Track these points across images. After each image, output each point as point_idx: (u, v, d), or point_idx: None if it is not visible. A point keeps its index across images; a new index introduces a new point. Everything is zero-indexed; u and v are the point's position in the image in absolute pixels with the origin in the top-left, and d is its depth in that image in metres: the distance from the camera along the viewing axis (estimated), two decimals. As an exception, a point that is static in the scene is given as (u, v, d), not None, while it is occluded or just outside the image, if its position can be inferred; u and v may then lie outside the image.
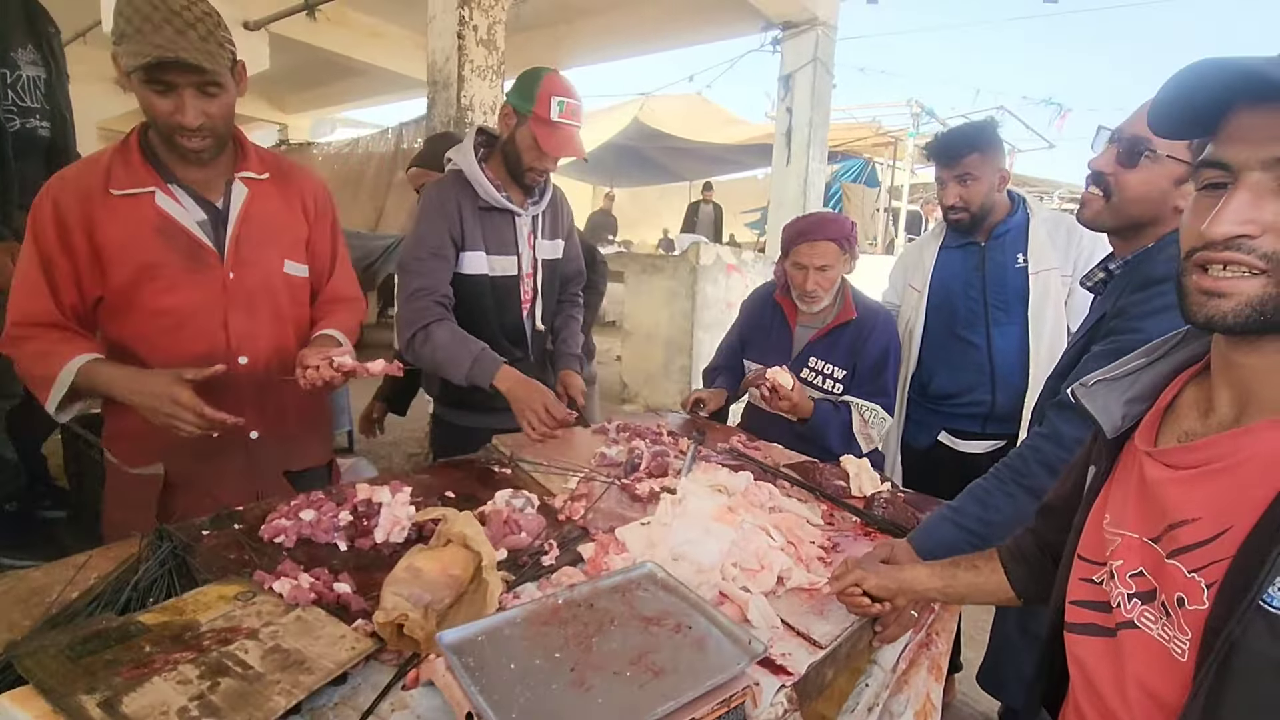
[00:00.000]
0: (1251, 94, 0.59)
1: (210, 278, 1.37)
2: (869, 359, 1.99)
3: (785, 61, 5.37)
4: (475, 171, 1.80)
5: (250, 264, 1.41)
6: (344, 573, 1.06)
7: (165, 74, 1.22)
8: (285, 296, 1.49)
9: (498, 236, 1.86)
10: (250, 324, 1.43)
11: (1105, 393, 0.78)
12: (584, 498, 1.41)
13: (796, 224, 2.02)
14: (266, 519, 1.21)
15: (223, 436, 1.35)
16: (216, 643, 0.83)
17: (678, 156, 11.18)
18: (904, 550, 1.20)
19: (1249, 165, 0.59)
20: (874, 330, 2.00)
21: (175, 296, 1.35)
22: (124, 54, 1.21)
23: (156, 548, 1.09)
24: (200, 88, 1.26)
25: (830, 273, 1.96)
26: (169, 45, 1.19)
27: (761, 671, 0.93)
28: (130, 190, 1.31)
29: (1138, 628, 0.67)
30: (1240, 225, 0.59)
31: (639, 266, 5.81)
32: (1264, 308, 0.59)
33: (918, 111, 8.96)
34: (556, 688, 0.76)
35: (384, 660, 0.90)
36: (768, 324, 2.18)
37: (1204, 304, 0.62)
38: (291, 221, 1.51)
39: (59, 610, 0.94)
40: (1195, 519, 0.64)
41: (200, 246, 1.36)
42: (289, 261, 1.49)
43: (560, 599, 0.93)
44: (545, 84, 1.72)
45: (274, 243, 1.46)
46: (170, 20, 1.20)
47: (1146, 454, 0.72)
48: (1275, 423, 0.62)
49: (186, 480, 1.42)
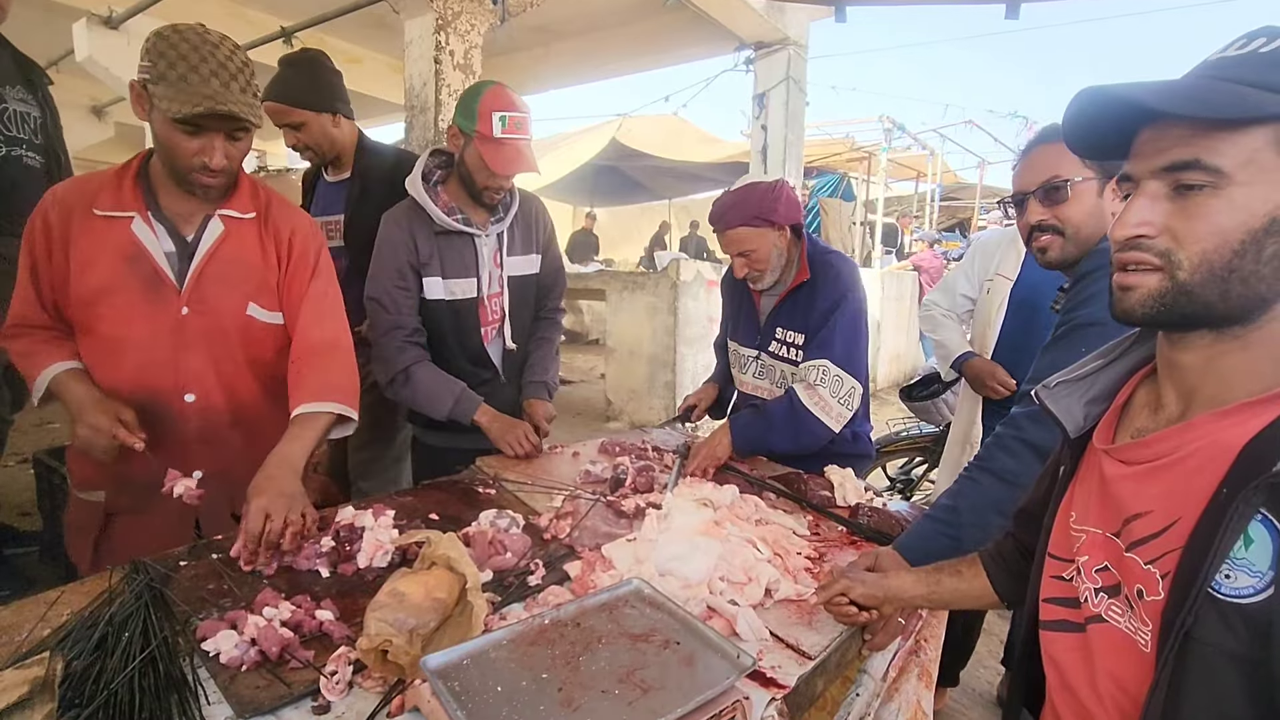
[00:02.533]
0: (1142, 117, 0.65)
1: (165, 311, 1.36)
2: (817, 316, 1.82)
3: (759, 80, 5.47)
4: (425, 199, 1.80)
5: (208, 303, 1.39)
6: (326, 599, 1.04)
7: (202, 119, 1.24)
8: (243, 339, 1.45)
9: (456, 259, 1.86)
10: (201, 362, 1.40)
11: (1066, 394, 0.81)
12: (569, 516, 1.40)
13: (711, 211, 1.90)
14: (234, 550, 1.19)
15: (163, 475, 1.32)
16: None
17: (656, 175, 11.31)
18: (889, 557, 1.20)
19: (1144, 175, 0.66)
20: (824, 284, 1.83)
21: (127, 325, 1.34)
22: (164, 96, 1.22)
23: (132, 581, 1.07)
24: (230, 134, 1.30)
25: (755, 254, 1.82)
26: (218, 97, 1.23)
27: (751, 685, 0.93)
28: (111, 212, 1.32)
29: (1106, 621, 0.69)
30: (1136, 227, 0.65)
31: (620, 284, 5.83)
32: (1163, 299, 0.65)
33: (889, 127, 9.16)
34: (544, 709, 0.75)
35: (368, 687, 0.88)
36: (739, 302, 2.10)
37: (1119, 299, 0.69)
38: (263, 266, 1.46)
39: (30, 649, 0.92)
40: (1148, 512, 0.67)
41: (161, 279, 1.35)
42: (254, 305, 1.45)
43: (546, 619, 0.92)
44: (485, 100, 1.70)
45: (240, 284, 1.43)
46: (217, 73, 1.23)
47: (1104, 451, 0.75)
48: (1215, 416, 0.65)
49: (125, 510, 1.41)
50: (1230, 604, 0.58)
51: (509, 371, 2.01)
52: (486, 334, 1.94)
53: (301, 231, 1.52)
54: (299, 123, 2.05)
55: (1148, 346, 0.78)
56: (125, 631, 0.95)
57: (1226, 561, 0.59)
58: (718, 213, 1.85)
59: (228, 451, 1.44)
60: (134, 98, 1.29)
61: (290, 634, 0.94)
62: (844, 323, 1.78)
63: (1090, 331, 1.24)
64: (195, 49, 1.23)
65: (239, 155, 1.35)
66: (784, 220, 1.80)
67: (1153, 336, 0.76)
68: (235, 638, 0.92)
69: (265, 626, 0.94)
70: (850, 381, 1.77)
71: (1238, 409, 0.63)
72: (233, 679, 0.87)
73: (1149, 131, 0.66)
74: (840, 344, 1.78)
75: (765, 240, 1.81)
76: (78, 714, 0.79)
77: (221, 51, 1.26)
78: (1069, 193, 1.33)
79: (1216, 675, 0.58)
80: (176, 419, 1.39)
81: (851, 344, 1.80)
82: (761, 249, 1.81)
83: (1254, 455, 0.60)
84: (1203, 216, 0.62)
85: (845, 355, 1.78)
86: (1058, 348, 1.30)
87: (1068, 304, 1.35)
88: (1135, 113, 0.64)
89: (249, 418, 1.47)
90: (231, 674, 0.88)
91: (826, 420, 1.75)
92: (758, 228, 1.79)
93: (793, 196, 1.84)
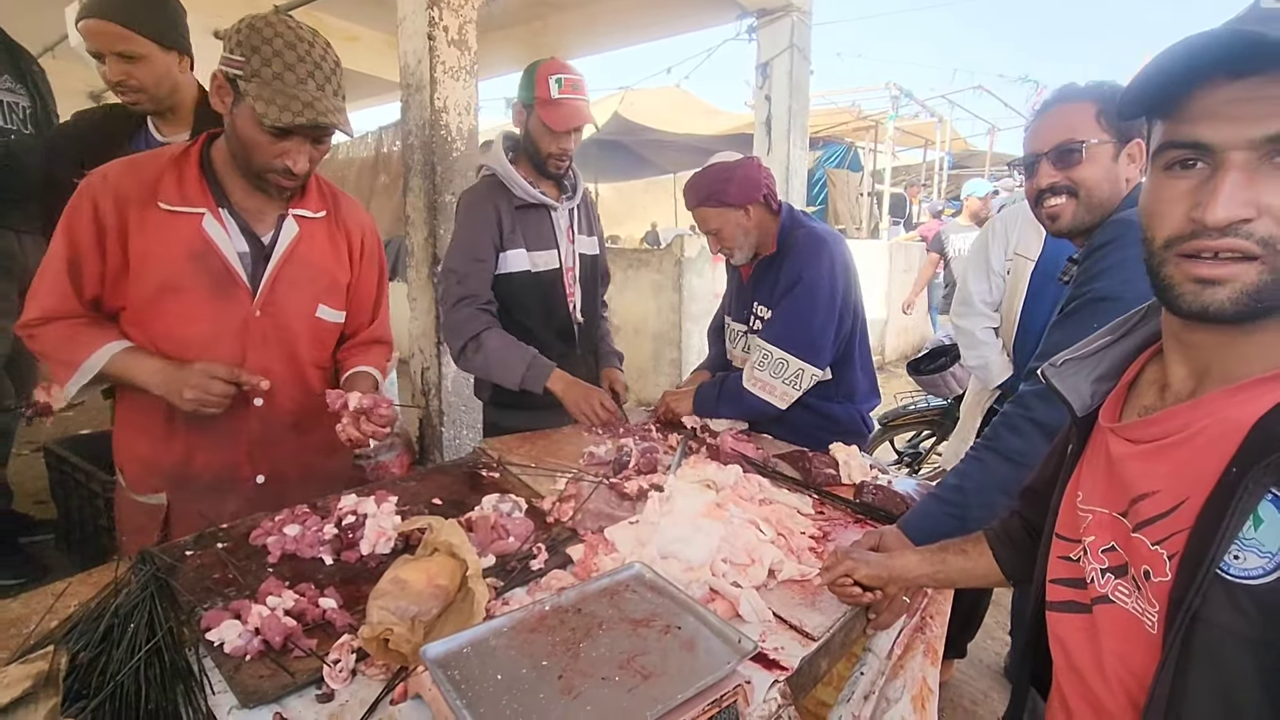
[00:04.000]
0: (1229, 67, 0.55)
1: (234, 313, 1.33)
2: (778, 294, 1.82)
3: (762, 50, 5.34)
4: (509, 170, 1.86)
5: (281, 305, 1.37)
6: (330, 587, 1.05)
7: (297, 129, 1.22)
8: (311, 339, 1.44)
9: (537, 232, 1.92)
10: (269, 363, 1.37)
11: (1074, 372, 0.79)
12: (572, 499, 1.40)
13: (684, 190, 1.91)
14: (251, 535, 1.20)
15: (227, 475, 1.36)
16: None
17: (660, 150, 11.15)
18: (893, 536, 1.19)
19: (1233, 145, 0.56)
20: (786, 261, 1.82)
21: (193, 325, 1.30)
22: (256, 96, 1.17)
23: (139, 571, 1.07)
24: (316, 139, 1.27)
25: (722, 234, 1.83)
26: (317, 106, 1.19)
27: (754, 667, 0.93)
28: (179, 208, 1.27)
29: (1113, 602, 0.68)
30: (1242, 208, 0.56)
31: (625, 262, 5.79)
32: (1260, 294, 0.57)
33: (896, 94, 8.99)
34: (544, 696, 0.75)
35: (372, 675, 0.89)
36: (733, 277, 2.10)
37: (1199, 293, 0.59)
38: (335, 265, 1.45)
39: (38, 641, 0.93)
40: (1155, 492, 0.65)
41: (234, 279, 1.31)
42: (323, 306, 1.44)
43: (547, 605, 0.92)
44: (541, 70, 1.81)
45: (311, 285, 1.41)
46: (313, 74, 1.20)
47: (1110, 430, 0.73)
48: (1225, 393, 0.63)
49: (186, 514, 1.37)
50: (1239, 585, 0.57)
51: (582, 345, 2.08)
52: (569, 306, 2.00)
53: (370, 232, 1.54)
54: (137, 54, 1.70)
55: (1158, 322, 0.76)
56: (131, 622, 0.95)
57: (1235, 542, 0.57)
58: (685, 192, 1.88)
59: (284, 454, 1.44)
60: (215, 88, 1.24)
61: (294, 623, 0.95)
62: (792, 305, 1.77)
63: (1103, 307, 1.19)
64: (291, 47, 1.18)
65: (319, 157, 1.32)
66: (737, 200, 1.79)
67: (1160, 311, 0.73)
68: (239, 627, 0.92)
69: (269, 616, 0.94)
70: (796, 364, 1.76)
71: (1250, 385, 0.61)
72: (237, 669, 0.88)
73: (1230, 90, 0.56)
74: (783, 326, 1.79)
75: (727, 220, 1.81)
76: (84, 705, 0.79)
77: (316, 51, 1.21)
78: (1084, 155, 1.28)
79: (1225, 657, 0.57)
80: (241, 422, 1.36)
81: (799, 326, 1.77)
82: (725, 228, 1.82)
83: (1265, 433, 0.58)
84: None
85: (788, 338, 1.77)
86: (1068, 323, 1.25)
87: (1080, 277, 1.30)
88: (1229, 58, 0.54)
89: (306, 419, 1.46)
90: (236, 664, 0.89)
91: (769, 399, 1.79)
92: (715, 208, 1.81)
93: (750, 175, 1.80)
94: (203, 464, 1.35)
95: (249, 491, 1.41)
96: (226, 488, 1.38)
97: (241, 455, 1.39)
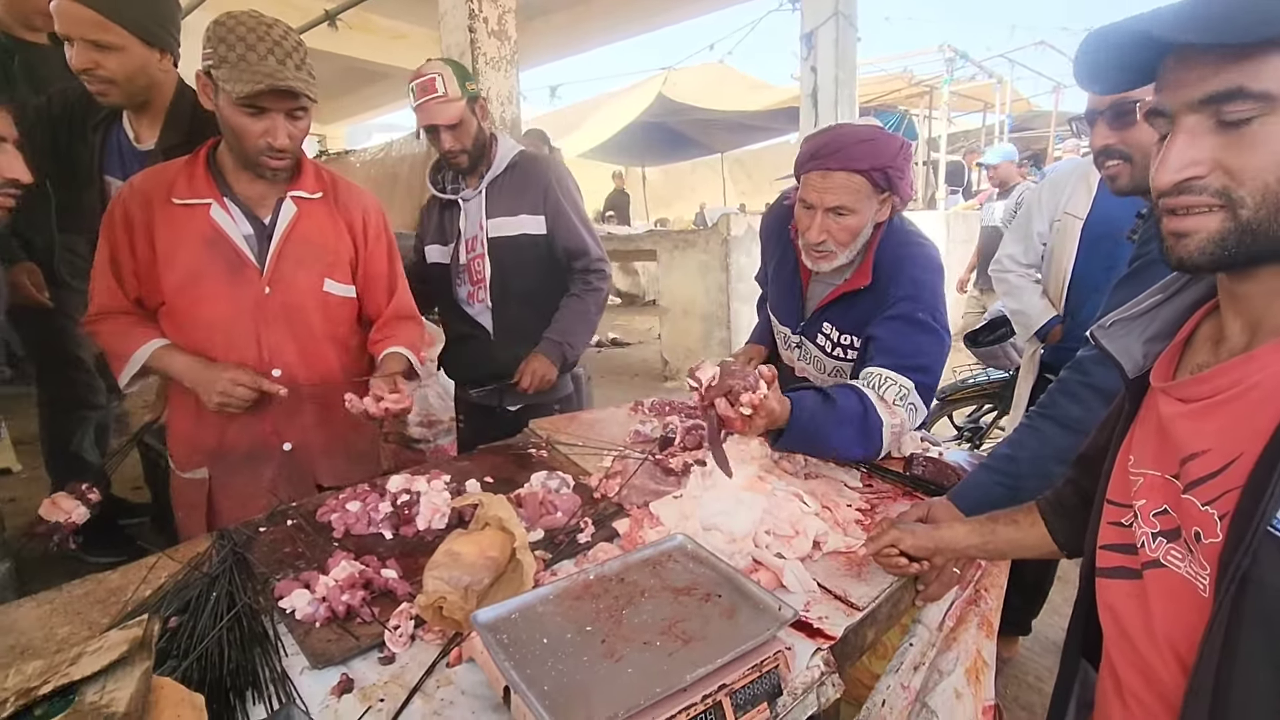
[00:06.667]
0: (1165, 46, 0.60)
1: (247, 291, 1.44)
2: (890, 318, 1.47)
3: (806, 19, 5.20)
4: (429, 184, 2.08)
5: (288, 280, 1.47)
6: (390, 559, 1.11)
7: (263, 99, 1.31)
8: (322, 314, 1.54)
9: (439, 227, 2.08)
10: (284, 338, 1.49)
11: (1124, 333, 0.77)
12: (618, 475, 1.43)
13: (812, 141, 1.47)
14: (317, 512, 1.28)
15: (258, 446, 1.48)
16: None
17: (706, 129, 11.02)
18: (943, 507, 1.17)
19: (1179, 109, 0.60)
20: (890, 285, 1.49)
21: (214, 306, 1.43)
22: (226, 79, 1.29)
23: (219, 547, 1.16)
24: (290, 113, 1.36)
25: (850, 220, 1.43)
26: (276, 74, 1.29)
27: (798, 635, 0.94)
28: (189, 200, 1.41)
29: (1164, 566, 0.66)
30: (1182, 170, 0.60)
31: (671, 243, 5.78)
32: (1225, 241, 0.59)
33: (951, 56, 8.59)
34: (587, 659, 0.78)
35: (429, 640, 0.94)
36: (781, 265, 1.75)
37: (1174, 246, 0.63)
38: (337, 242, 1.54)
39: (134, 609, 1.02)
40: (1205, 451, 0.63)
41: (242, 260, 1.43)
42: (329, 280, 1.53)
43: (591, 574, 0.95)
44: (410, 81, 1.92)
45: (315, 261, 1.50)
46: (273, 50, 1.30)
47: (1161, 390, 0.71)
48: (1278, 346, 0.60)
49: (226, 485, 1.52)
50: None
51: (500, 330, 2.06)
52: (473, 294, 2.05)
53: (372, 211, 1.62)
54: (113, 45, 1.55)
55: (1213, 277, 0.72)
56: (214, 592, 1.04)
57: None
58: (833, 145, 1.42)
59: (308, 424, 1.55)
60: (200, 87, 1.36)
61: (360, 592, 1.01)
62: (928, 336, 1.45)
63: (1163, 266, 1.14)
64: (251, 30, 1.29)
65: (300, 134, 1.41)
66: (903, 194, 1.47)
67: None
68: (309, 596, 0.99)
69: (334, 586, 1.00)
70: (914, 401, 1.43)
71: None
72: (307, 633, 0.95)
73: (1173, 59, 0.61)
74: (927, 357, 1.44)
75: (869, 207, 1.45)
76: (175, 666, 0.87)
77: (276, 31, 1.31)
78: (1138, 115, 1.22)
79: (1275, 618, 0.55)
80: (264, 395, 1.47)
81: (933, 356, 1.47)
82: (861, 214, 1.45)
83: None
84: (1259, 146, 0.56)
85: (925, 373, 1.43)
86: (1133, 283, 1.19)
87: (1144, 234, 1.25)
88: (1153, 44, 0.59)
89: (327, 391, 1.55)
90: (306, 629, 0.96)
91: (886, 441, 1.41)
92: (875, 185, 1.43)
93: None
94: (235, 437, 1.48)
95: (279, 459, 1.53)
96: (259, 457, 1.51)
97: (268, 426, 1.51)
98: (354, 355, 1.64)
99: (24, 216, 2.23)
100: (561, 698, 0.72)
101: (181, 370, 1.42)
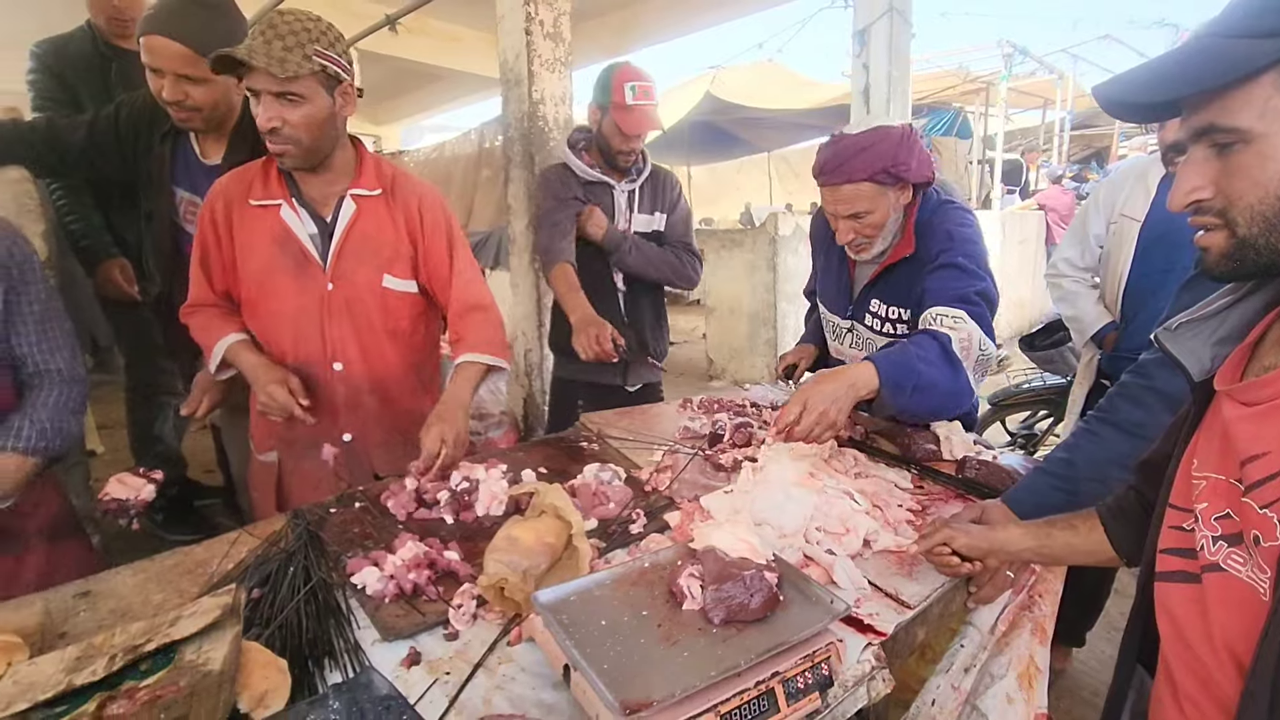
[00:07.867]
0: None
1: (312, 287, 1.51)
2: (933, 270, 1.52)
3: (858, 16, 5.11)
4: (570, 156, 2.19)
5: (348, 277, 1.53)
6: (452, 542, 1.16)
7: (250, 80, 1.34)
8: (381, 309, 1.58)
9: (600, 204, 2.19)
10: (346, 333, 1.55)
11: (1192, 335, 0.76)
12: (669, 469, 1.46)
13: (818, 156, 1.55)
14: (382, 496, 1.35)
15: (321, 435, 1.54)
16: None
17: (753, 127, 10.94)
18: (997, 510, 1.17)
19: (1189, 139, 0.68)
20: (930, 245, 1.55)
21: (283, 302, 1.51)
22: None
23: (294, 526, 1.24)
24: (277, 95, 1.34)
25: (871, 218, 1.52)
26: (242, 49, 1.29)
27: (848, 630, 0.95)
28: (263, 201, 1.50)
29: (1224, 570, 0.65)
30: (1188, 194, 0.67)
31: (718, 243, 5.77)
32: (1231, 255, 0.66)
33: (1009, 52, 8.29)
34: (644, 642, 0.82)
35: (491, 619, 0.99)
36: (829, 259, 1.83)
37: (1202, 259, 0.70)
38: (395, 238, 1.58)
39: (219, 580, 1.10)
40: (1266, 453, 0.62)
41: (308, 258, 1.51)
42: (389, 276, 1.57)
43: (646, 562, 0.98)
44: (617, 76, 2.03)
45: (374, 257, 1.55)
46: (264, 32, 1.32)
47: (1225, 393, 0.70)
48: None
49: (294, 469, 1.61)
50: None
51: (629, 312, 2.29)
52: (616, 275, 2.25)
53: (428, 199, 1.61)
54: (202, 79, 1.65)
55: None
56: (290, 567, 1.11)
57: None
58: (833, 161, 1.51)
59: (367, 416, 1.61)
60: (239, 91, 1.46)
61: (424, 571, 1.06)
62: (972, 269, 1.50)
63: None
64: (265, 17, 1.34)
65: (299, 121, 1.36)
66: (917, 177, 1.50)
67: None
68: (378, 573, 1.05)
69: (401, 565, 1.06)
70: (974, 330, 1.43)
71: None
72: (377, 609, 1.00)
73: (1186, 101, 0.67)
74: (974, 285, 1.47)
75: (886, 202, 1.52)
76: (259, 632, 0.94)
77: (271, 17, 1.33)
78: None
79: None
80: (327, 386, 1.56)
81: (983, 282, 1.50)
82: (880, 211, 1.52)
83: None
84: (1240, 172, 0.63)
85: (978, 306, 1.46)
86: (1197, 284, 1.17)
87: None
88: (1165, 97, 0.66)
89: (386, 385, 1.62)
90: (376, 604, 1.01)
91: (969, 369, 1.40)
92: (883, 185, 1.49)
93: (924, 150, 1.54)
94: (302, 426, 1.53)
95: (340, 448, 1.58)
96: (323, 444, 1.56)
97: (330, 416, 1.58)
98: (416, 348, 1.69)
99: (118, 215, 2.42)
100: (620, 676, 0.75)
101: (246, 368, 1.52)
